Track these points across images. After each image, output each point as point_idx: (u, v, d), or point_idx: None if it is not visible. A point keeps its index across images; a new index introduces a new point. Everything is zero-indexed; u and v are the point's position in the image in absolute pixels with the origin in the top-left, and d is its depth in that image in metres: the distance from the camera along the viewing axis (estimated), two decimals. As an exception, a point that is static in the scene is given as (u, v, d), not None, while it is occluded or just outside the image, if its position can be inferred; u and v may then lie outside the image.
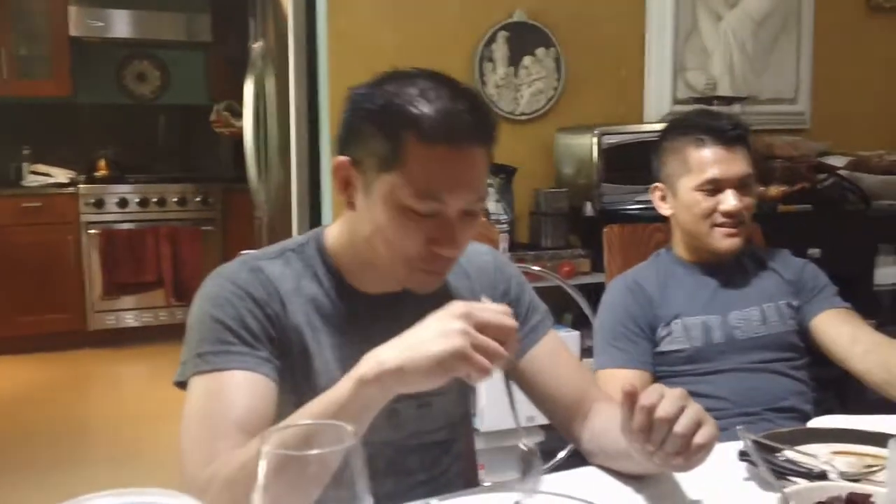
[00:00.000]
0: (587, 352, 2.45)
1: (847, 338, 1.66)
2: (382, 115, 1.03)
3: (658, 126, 2.16)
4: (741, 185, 1.69)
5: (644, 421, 0.93)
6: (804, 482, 1.02)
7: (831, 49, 3.46)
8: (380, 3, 2.91)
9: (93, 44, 5.16)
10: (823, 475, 1.07)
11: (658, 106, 3.22)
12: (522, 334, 1.19)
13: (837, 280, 1.78)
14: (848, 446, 1.18)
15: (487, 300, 0.96)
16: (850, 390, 2.08)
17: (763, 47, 3.38)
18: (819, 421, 1.39)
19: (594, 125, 2.87)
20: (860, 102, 3.48)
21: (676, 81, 3.25)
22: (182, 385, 1.06)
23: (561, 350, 1.28)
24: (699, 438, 0.92)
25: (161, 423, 3.29)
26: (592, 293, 2.50)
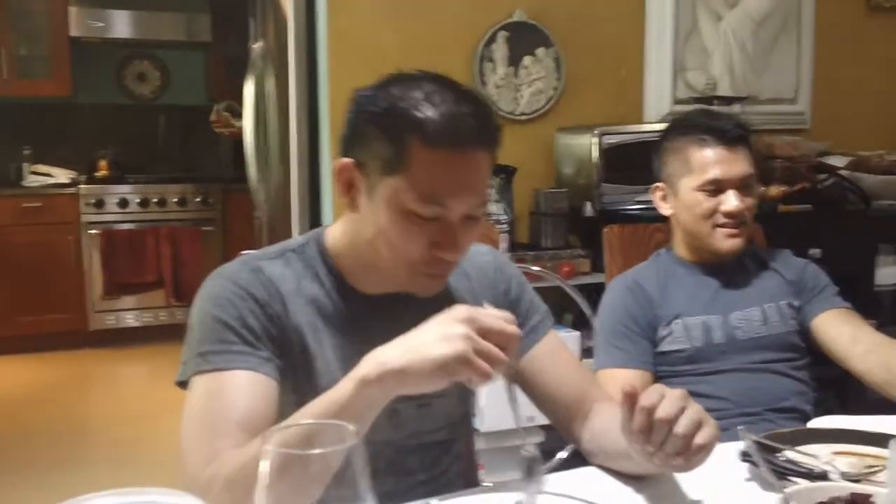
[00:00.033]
0: (587, 352, 2.45)
1: (848, 338, 1.66)
2: (386, 119, 1.02)
3: (658, 126, 2.16)
4: (743, 186, 1.69)
5: (644, 421, 0.93)
6: (805, 482, 1.02)
7: (831, 49, 3.45)
8: (380, 3, 2.91)
9: (93, 44, 5.16)
10: (824, 475, 1.07)
11: (658, 106, 3.21)
12: (523, 334, 1.19)
13: (838, 280, 1.78)
14: (849, 447, 1.18)
15: (489, 306, 0.96)
16: (851, 390, 2.08)
17: (763, 47, 3.38)
18: (820, 421, 1.39)
19: (594, 125, 2.87)
20: (860, 102, 3.47)
21: (676, 81, 3.24)
22: (183, 385, 1.06)
23: (561, 350, 1.28)
24: (699, 439, 0.92)
25: (161, 423, 3.29)
26: (592, 293, 2.49)
